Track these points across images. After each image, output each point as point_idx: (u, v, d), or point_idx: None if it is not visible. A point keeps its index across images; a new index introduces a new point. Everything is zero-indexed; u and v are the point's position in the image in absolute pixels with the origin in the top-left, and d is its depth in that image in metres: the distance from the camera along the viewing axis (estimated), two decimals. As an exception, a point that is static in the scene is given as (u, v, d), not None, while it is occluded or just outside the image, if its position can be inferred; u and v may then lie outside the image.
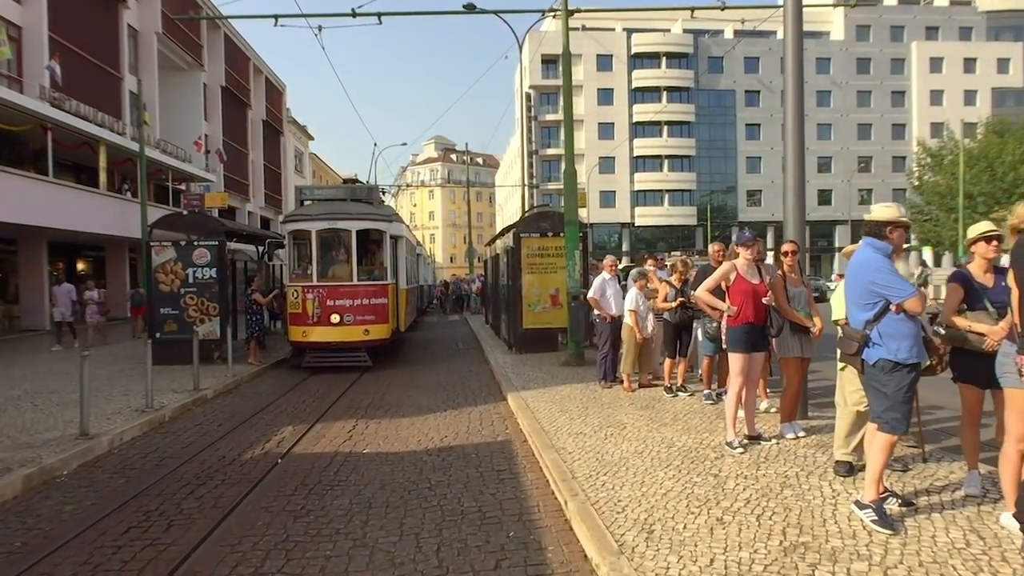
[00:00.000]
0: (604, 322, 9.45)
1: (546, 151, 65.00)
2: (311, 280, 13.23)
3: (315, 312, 13.11)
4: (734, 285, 5.82)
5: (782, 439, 6.29)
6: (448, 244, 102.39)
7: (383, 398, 10.33)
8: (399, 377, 12.47)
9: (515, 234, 13.93)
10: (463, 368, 13.32)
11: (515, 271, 14.01)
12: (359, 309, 13.21)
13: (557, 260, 13.94)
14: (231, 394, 10.94)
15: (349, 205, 13.57)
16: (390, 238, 13.86)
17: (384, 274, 13.75)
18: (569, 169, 12.20)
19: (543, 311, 13.93)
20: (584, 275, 13.20)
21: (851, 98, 63.76)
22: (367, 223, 13.41)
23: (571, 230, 12.13)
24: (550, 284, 13.95)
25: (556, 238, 13.90)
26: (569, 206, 12.18)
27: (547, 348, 13.96)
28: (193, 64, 34.24)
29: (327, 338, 13.05)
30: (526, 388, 9.86)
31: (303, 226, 13.34)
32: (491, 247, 20.45)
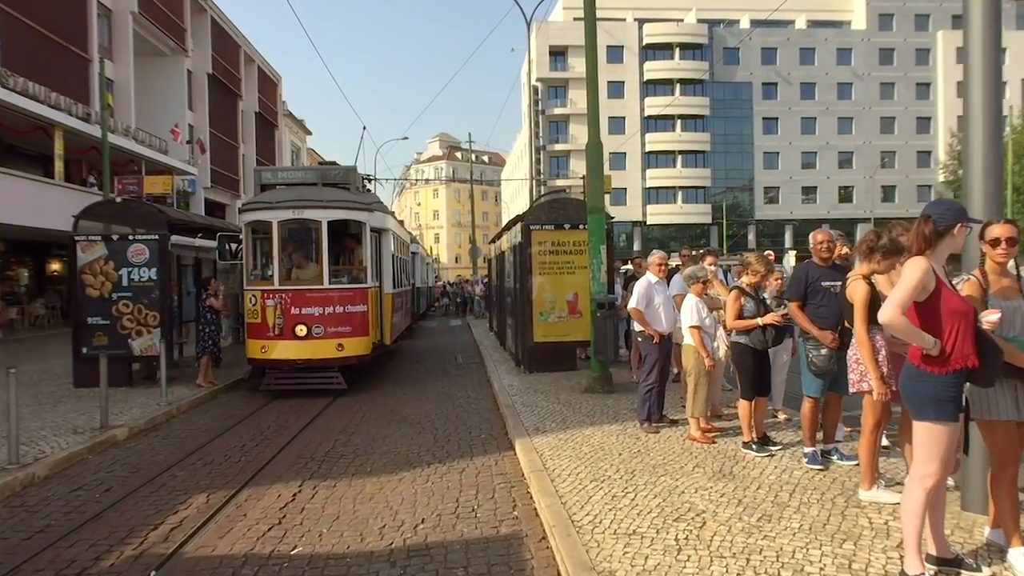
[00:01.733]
0: (650, 342, 6.87)
1: (554, 147, 62.46)
2: (272, 283, 10.69)
3: (276, 322, 10.57)
4: (935, 301, 3.19)
5: (992, 552, 3.70)
6: (453, 244, 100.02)
7: (350, 440, 7.77)
8: (378, 405, 9.92)
9: (523, 226, 11.36)
10: (460, 392, 10.75)
11: (524, 271, 11.44)
12: (331, 319, 10.67)
13: (575, 258, 11.36)
14: (153, 433, 8.39)
15: (320, 191, 11.02)
16: (370, 231, 11.31)
17: (363, 275, 11.20)
18: (593, 142, 9.63)
19: (558, 321, 11.35)
20: (610, 277, 10.62)
21: (874, 90, 60.88)
22: (341, 212, 10.86)
23: (595, 220, 9.56)
24: (567, 287, 11.37)
25: (574, 231, 11.33)
26: (593, 189, 9.61)
27: (563, 366, 11.38)
28: (176, 49, 31.84)
29: (290, 355, 10.51)
30: (540, 430, 7.28)
31: (262, 216, 10.81)
32: (495, 244, 17.88)
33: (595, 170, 9.60)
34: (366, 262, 11.23)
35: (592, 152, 9.63)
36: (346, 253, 12.08)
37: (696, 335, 6.30)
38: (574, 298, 11.36)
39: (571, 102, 62.04)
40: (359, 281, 11.20)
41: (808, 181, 61.23)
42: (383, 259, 12.22)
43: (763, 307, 5.83)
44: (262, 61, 43.41)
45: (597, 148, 9.65)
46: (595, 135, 9.68)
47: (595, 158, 9.62)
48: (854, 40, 61.15)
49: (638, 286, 6.92)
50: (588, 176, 9.68)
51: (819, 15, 63.30)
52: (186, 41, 32.43)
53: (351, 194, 11.20)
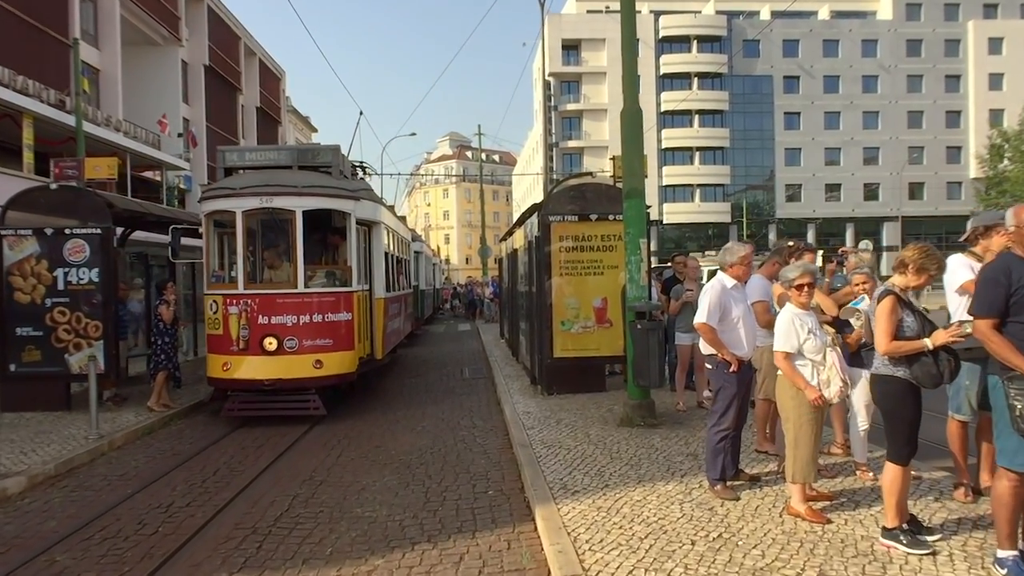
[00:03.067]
0: (724, 370, 4.88)
1: (567, 143, 60.44)
2: (236, 286, 8.79)
3: (240, 334, 8.66)
4: None
5: None
6: (463, 245, 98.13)
7: (314, 495, 5.84)
8: (361, 437, 7.98)
9: (541, 218, 9.40)
10: (463, 419, 8.79)
11: (541, 272, 9.48)
12: (307, 330, 8.75)
13: (604, 256, 9.39)
14: (62, 482, 6.47)
15: (295, 174, 9.10)
16: (356, 223, 9.38)
17: (348, 277, 9.28)
18: (630, 109, 7.63)
19: (583, 332, 9.37)
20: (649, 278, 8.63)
21: (900, 83, 58.38)
22: (319, 200, 8.93)
23: (634, 207, 7.57)
24: (593, 291, 9.39)
25: (603, 223, 9.35)
26: (630, 168, 7.62)
27: (589, 387, 9.40)
28: (170, 38, 30.09)
29: (257, 374, 8.59)
30: (570, 489, 5.30)
31: (224, 204, 8.90)
32: (507, 241, 15.92)
33: (632, 144, 7.61)
34: (351, 261, 9.30)
35: (629, 121, 7.64)
36: (329, 251, 10.16)
37: (786, 364, 4.31)
38: (603, 304, 9.38)
39: (584, 97, 60.09)
40: (343, 284, 9.27)
41: (832, 178, 58.82)
42: (374, 257, 10.29)
43: (927, 323, 3.81)
44: (264, 54, 41.67)
45: (635, 116, 7.66)
46: (632, 100, 7.69)
47: (633, 129, 7.63)
48: (880, 31, 58.69)
49: (708, 292, 4.91)
50: (624, 152, 7.69)
51: (843, 5, 60.97)
52: (180, 30, 30.68)
53: (333, 179, 9.27)
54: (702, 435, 6.68)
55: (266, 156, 9.25)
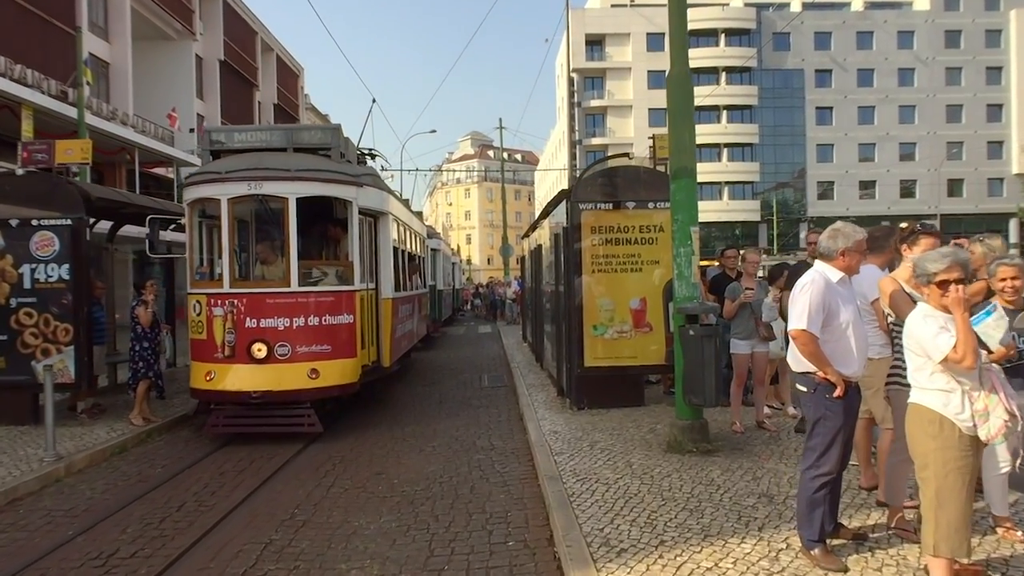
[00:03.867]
0: (826, 394, 3.62)
1: (590, 141, 59.01)
2: (221, 284, 7.69)
3: (226, 339, 7.56)
4: None
5: None
6: (485, 245, 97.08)
7: (293, 540, 4.68)
8: (361, 460, 6.83)
9: (570, 206, 8.17)
10: (480, 439, 7.58)
11: (570, 269, 8.25)
12: (302, 334, 7.63)
13: (643, 249, 8.14)
14: None
15: (288, 157, 7.97)
16: (360, 213, 8.24)
17: (349, 274, 8.14)
18: (679, 72, 6.39)
19: (619, 337, 8.12)
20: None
21: (938, 76, 56.11)
22: (315, 185, 7.79)
23: (683, 189, 6.33)
24: (631, 291, 8.15)
25: (642, 211, 8.11)
26: (679, 142, 6.37)
27: (626, 400, 8.16)
28: (183, 32, 29.33)
29: (244, 385, 7.47)
30: (613, 546, 4.08)
31: (208, 191, 7.81)
32: (530, 237, 14.71)
33: (681, 114, 6.37)
34: (353, 256, 8.16)
35: (678, 87, 6.39)
36: (329, 245, 9.04)
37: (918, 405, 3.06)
38: (641, 306, 8.13)
39: (609, 93, 58.76)
40: (344, 282, 8.13)
41: (866, 175, 56.72)
42: (380, 252, 9.13)
43: None
44: (281, 50, 40.92)
45: (683, 81, 6.42)
46: (680, 63, 6.45)
47: (682, 96, 6.39)
48: (916, 22, 56.48)
49: (808, 290, 3.62)
50: (671, 124, 6.45)
51: (877, -4, 58.89)
52: (194, 24, 29.92)
53: (332, 163, 8.13)
54: (771, 467, 5.44)
55: (257, 137, 8.13)
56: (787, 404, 7.50)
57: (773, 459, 5.71)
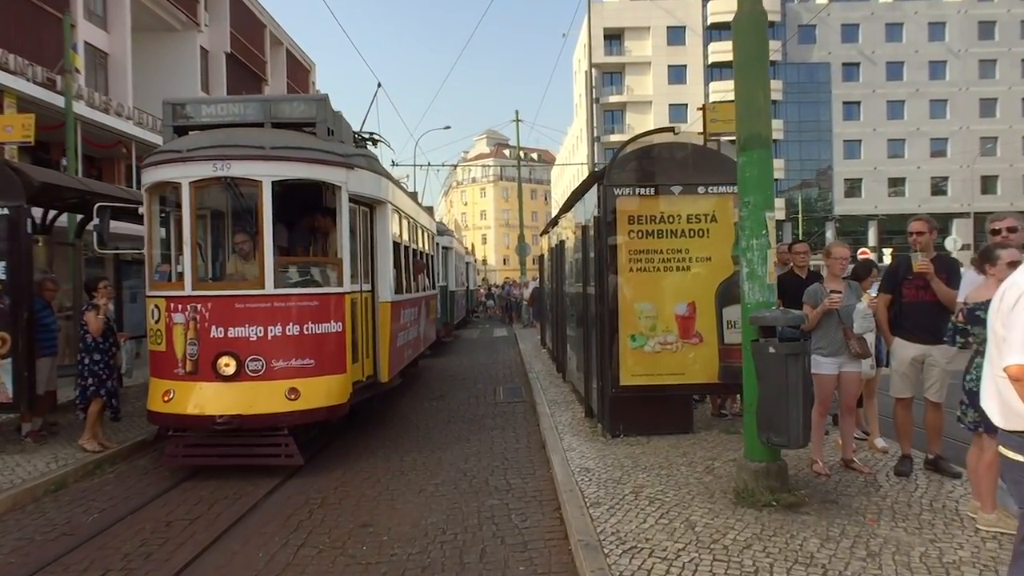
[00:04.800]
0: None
1: (608, 138, 57.43)
2: (182, 286, 6.37)
3: (188, 352, 6.25)
4: None
5: None
6: (501, 245, 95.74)
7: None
8: (344, 505, 5.48)
9: (602, 191, 6.76)
10: (494, 475, 6.19)
11: (601, 267, 6.85)
12: (279, 346, 6.30)
13: (692, 244, 6.72)
14: None
15: (263, 134, 6.63)
16: (350, 201, 6.89)
17: (338, 273, 6.80)
18: (750, 14, 4.97)
19: (662, 349, 6.71)
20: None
21: (971, 68, 53.93)
22: (296, 166, 6.45)
23: (757, 162, 4.90)
24: (677, 293, 6.73)
25: (691, 196, 6.70)
26: (750, 101, 4.94)
27: (671, 426, 6.76)
28: (188, 23, 28.23)
29: (208, 408, 6.15)
30: None
31: (167, 174, 6.49)
32: (550, 233, 13.33)
33: (753, 65, 4.95)
34: (343, 251, 6.81)
35: (749, 31, 4.98)
36: (317, 240, 7.72)
37: None
38: (689, 312, 6.71)
39: (628, 89, 57.19)
40: (331, 282, 6.80)
41: (895, 172, 54.65)
42: (378, 248, 7.78)
43: None
44: (291, 44, 39.79)
45: (756, 24, 5.00)
46: (753, 1, 5.02)
47: (754, 43, 4.97)
48: (948, 12, 54.33)
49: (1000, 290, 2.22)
50: (740, 79, 5.02)
51: (907, -14, 56.76)
52: (199, 15, 28.82)
53: (318, 140, 6.78)
54: (887, 535, 4.01)
55: (229, 110, 6.80)
56: (873, 434, 6.06)
57: (885, 521, 4.28)
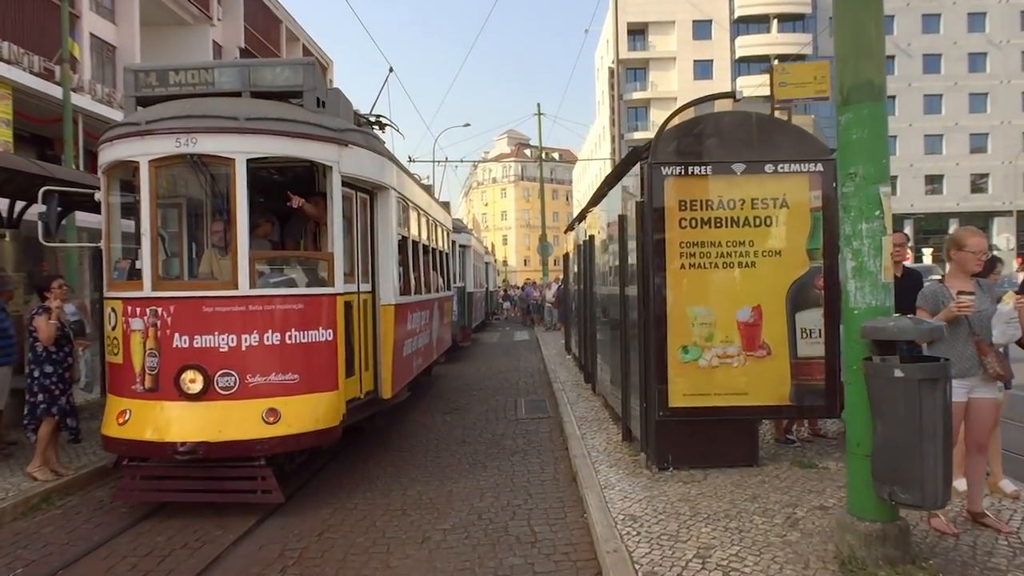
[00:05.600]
0: None
1: (632, 136, 56.06)
2: (141, 286, 5.29)
3: (147, 365, 5.17)
4: None
5: None
6: (522, 246, 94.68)
7: None
8: (328, 561, 4.35)
9: (648, 171, 5.54)
10: (514, 520, 5.02)
11: (646, 262, 5.64)
12: (255, 358, 5.20)
13: (757, 234, 5.49)
14: None
15: (239, 104, 5.53)
16: (343, 184, 5.76)
17: (329, 271, 5.67)
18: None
19: (720, 364, 5.49)
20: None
21: (1013, 60, 51.64)
22: (275, 141, 5.33)
23: (867, 120, 3.68)
24: (739, 295, 5.51)
25: (757, 176, 5.47)
26: (858, 37, 3.71)
27: (731, 457, 5.54)
28: (200, 17, 27.48)
29: (169, 433, 5.06)
30: None
31: (123, 151, 5.41)
32: (577, 229, 12.15)
33: None
34: (333, 244, 5.68)
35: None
36: (307, 234, 6.59)
37: None
38: (754, 318, 5.48)
39: (652, 85, 55.74)
40: (318, 281, 5.68)
41: (932, 168, 52.56)
42: (379, 242, 6.65)
43: None
44: (308, 40, 39.04)
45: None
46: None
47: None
48: (989, 2, 52.06)
49: None
50: (841, 12, 3.79)
51: (945, -24, 54.65)
52: (212, 9, 28.05)
53: (305, 112, 5.67)
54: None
55: (201, 77, 5.71)
56: (995, 475, 4.79)
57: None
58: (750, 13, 53.52)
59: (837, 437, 6.53)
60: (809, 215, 5.48)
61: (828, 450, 6.10)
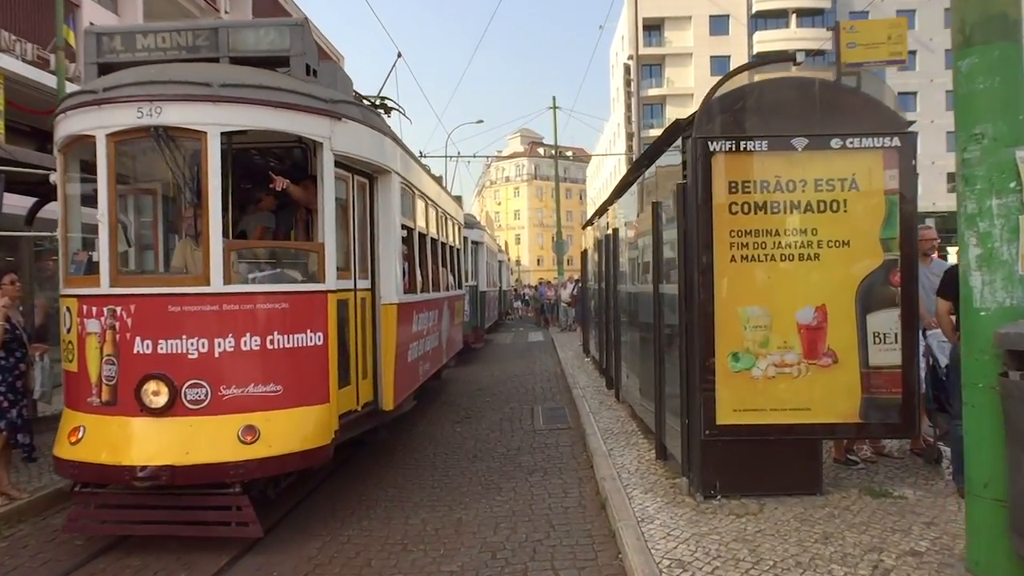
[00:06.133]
0: None
1: (648, 132, 55.04)
2: (98, 282, 4.52)
3: (104, 374, 4.41)
4: None
5: None
6: (535, 245, 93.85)
7: None
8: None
9: (693, 145, 4.70)
10: (536, 564, 4.21)
11: (690, 255, 4.81)
12: (230, 366, 4.43)
13: (821, 222, 4.64)
14: None
15: (213, 69, 4.75)
16: (335, 164, 4.96)
17: (319, 264, 4.87)
18: None
19: (778, 373, 4.65)
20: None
21: (1041, 55, 50.31)
22: (254, 111, 4.54)
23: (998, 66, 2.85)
24: (799, 293, 4.67)
25: (822, 153, 4.63)
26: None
27: (790, 482, 4.70)
28: (207, 10, 26.81)
29: (128, 455, 4.29)
30: None
31: (81, 123, 4.64)
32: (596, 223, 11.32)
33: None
34: (323, 234, 4.89)
35: None
36: (300, 222, 5.80)
37: None
38: (817, 320, 4.64)
39: (668, 81, 54.77)
40: (307, 276, 4.90)
41: (954, 166, 51.09)
42: (380, 232, 5.85)
43: None
44: (319, 35, 38.39)
45: None
46: None
47: None
48: (1015, -5, 50.74)
49: None
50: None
51: (968, -31, 53.28)
52: (219, 1, 27.45)
53: (291, 80, 4.88)
54: None
55: (173, 40, 4.94)
56: None
57: None
58: (768, 8, 52.43)
59: (903, 456, 5.68)
60: (883, 198, 4.63)
61: (898, 473, 5.25)
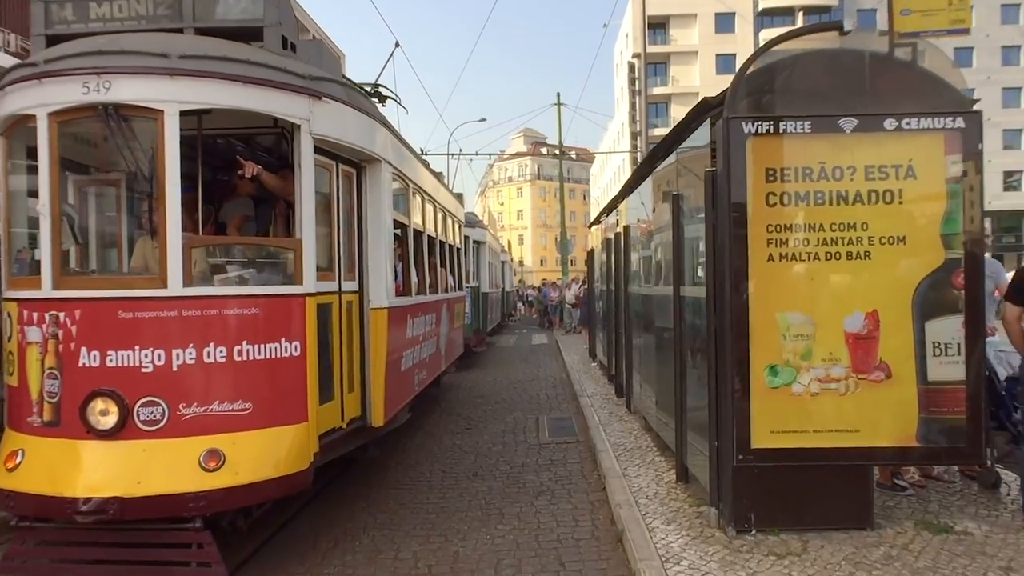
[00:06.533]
0: None
1: (653, 131, 54.34)
2: (39, 284, 3.93)
3: (46, 390, 3.81)
4: None
5: None
6: (538, 246, 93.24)
7: None
8: None
9: (725, 127, 4.10)
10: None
11: (722, 253, 4.19)
12: (190, 380, 3.83)
13: (872, 214, 4.02)
14: None
15: (173, 39, 4.15)
16: (315, 149, 4.36)
17: (296, 263, 4.27)
18: None
19: (823, 389, 4.04)
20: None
21: (1052, 52, 49.54)
22: (219, 87, 3.95)
23: None
24: (846, 297, 4.06)
25: (874, 136, 4.02)
26: None
27: (836, 515, 4.08)
28: (204, 5, 26.37)
29: (71, 486, 3.68)
30: None
31: (20, 101, 4.04)
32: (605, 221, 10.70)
33: None
34: (302, 230, 4.28)
35: None
36: (278, 216, 5.20)
37: None
38: (868, 328, 4.02)
39: (673, 80, 54.16)
40: (284, 278, 4.30)
41: (1011, 164, 49.88)
42: (368, 228, 5.24)
43: None
44: (317, 31, 37.87)
45: None
46: None
47: None
48: (1026, -8, 50.02)
49: None
50: None
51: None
52: (217, -4, 26.93)
53: (264, 53, 4.28)
54: None
55: (130, 9, 4.33)
56: None
57: None
58: (775, 5, 51.87)
59: (954, 480, 5.06)
60: (945, 188, 4.03)
61: (953, 501, 4.63)
